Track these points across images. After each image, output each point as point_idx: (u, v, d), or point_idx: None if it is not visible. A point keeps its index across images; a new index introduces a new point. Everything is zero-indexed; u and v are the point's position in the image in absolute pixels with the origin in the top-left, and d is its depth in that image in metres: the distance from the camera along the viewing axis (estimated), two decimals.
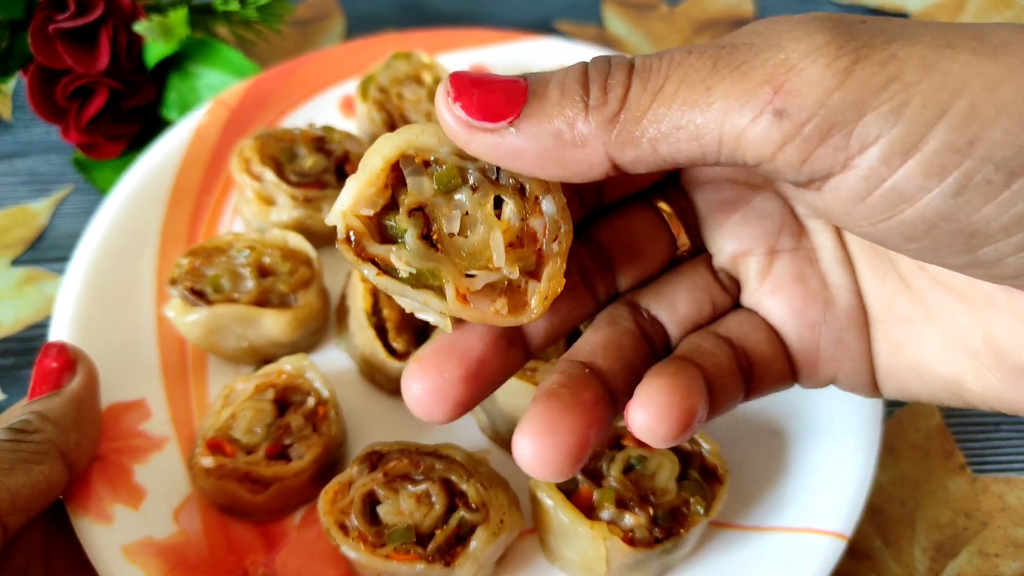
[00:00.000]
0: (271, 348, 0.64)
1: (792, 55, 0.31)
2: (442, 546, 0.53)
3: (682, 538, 0.54)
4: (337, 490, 0.55)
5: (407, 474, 0.55)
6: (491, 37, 0.83)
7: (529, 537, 0.60)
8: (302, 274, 0.65)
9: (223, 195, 0.76)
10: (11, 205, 0.85)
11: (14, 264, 0.80)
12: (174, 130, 0.76)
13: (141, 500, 0.58)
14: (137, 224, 0.71)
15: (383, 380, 0.65)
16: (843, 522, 0.58)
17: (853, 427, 0.61)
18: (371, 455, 0.56)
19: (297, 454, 0.58)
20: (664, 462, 0.56)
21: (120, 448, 0.60)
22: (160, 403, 0.64)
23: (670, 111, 0.32)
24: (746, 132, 0.31)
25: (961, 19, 1.14)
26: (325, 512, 0.54)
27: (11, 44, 0.82)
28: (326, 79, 0.82)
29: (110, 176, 0.84)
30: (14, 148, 0.91)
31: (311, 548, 0.59)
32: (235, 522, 0.59)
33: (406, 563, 0.52)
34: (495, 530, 0.53)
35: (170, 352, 0.67)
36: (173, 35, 0.82)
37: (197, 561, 0.57)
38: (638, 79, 0.33)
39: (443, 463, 0.56)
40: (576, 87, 0.33)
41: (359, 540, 0.53)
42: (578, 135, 0.33)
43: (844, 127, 0.30)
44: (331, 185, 0.70)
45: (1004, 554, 0.66)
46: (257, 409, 0.58)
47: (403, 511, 0.54)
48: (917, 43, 0.30)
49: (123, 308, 0.67)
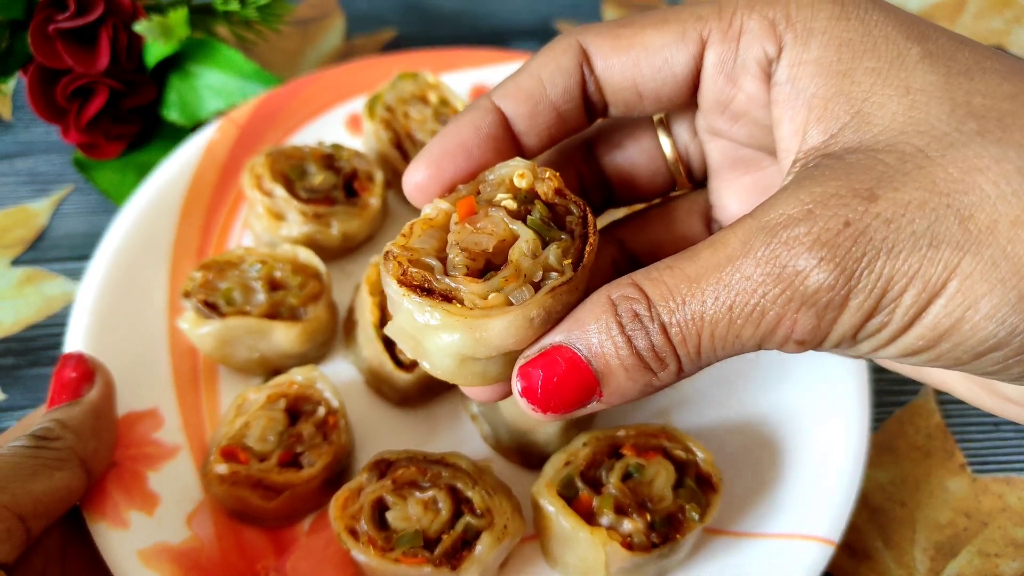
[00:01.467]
0: (281, 360, 0.66)
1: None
2: (448, 550, 0.55)
3: (678, 543, 0.56)
4: (347, 496, 0.57)
5: (415, 481, 0.57)
6: (493, 57, 0.85)
7: (530, 543, 0.62)
8: (312, 288, 0.67)
9: (233, 210, 0.78)
10: (11, 205, 0.86)
11: (14, 264, 0.81)
12: (185, 146, 0.78)
13: (155, 506, 0.60)
14: (149, 238, 0.73)
15: (389, 391, 0.67)
16: (831, 528, 0.60)
17: (841, 437, 0.64)
18: (380, 463, 0.58)
19: (308, 462, 0.60)
20: (660, 470, 0.58)
21: (135, 455, 0.62)
22: (173, 412, 0.66)
23: (715, 348, 0.37)
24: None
25: (961, 19, 1.15)
26: (336, 517, 0.56)
27: (11, 44, 0.82)
28: (333, 97, 0.84)
29: (110, 176, 0.85)
30: (14, 148, 0.91)
31: (320, 553, 0.61)
32: (246, 528, 0.61)
33: (414, 567, 0.54)
34: (499, 535, 0.56)
35: (182, 363, 0.69)
36: (173, 35, 0.82)
37: (210, 565, 0.59)
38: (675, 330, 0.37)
39: (449, 471, 0.58)
40: (635, 363, 0.37)
41: (369, 544, 0.55)
42: (658, 385, 0.39)
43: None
44: (340, 201, 0.72)
45: (1004, 554, 0.66)
46: (270, 418, 0.60)
47: (411, 517, 0.56)
48: (898, 255, 0.33)
49: (136, 320, 0.69)
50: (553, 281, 0.39)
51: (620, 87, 0.44)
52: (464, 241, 0.40)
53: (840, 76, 0.38)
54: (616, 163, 0.51)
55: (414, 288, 0.39)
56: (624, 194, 0.53)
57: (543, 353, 0.38)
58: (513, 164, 0.43)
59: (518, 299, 0.38)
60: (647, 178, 0.52)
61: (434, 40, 1.06)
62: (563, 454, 0.60)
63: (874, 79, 0.37)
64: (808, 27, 0.39)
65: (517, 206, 0.41)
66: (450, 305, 0.38)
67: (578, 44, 0.44)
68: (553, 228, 0.41)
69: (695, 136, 0.50)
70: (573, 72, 0.44)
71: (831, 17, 0.39)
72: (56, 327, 0.78)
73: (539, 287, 0.39)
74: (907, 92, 0.36)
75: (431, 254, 0.40)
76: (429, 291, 0.39)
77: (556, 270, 0.39)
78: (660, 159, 0.51)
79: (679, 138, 0.51)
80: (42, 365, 0.76)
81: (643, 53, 0.43)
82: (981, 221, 0.33)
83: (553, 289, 0.39)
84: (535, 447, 0.64)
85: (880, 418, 0.74)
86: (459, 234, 0.41)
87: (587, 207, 0.43)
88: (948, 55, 0.37)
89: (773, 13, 0.40)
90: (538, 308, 0.38)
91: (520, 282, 0.39)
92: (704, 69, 0.43)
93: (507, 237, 0.40)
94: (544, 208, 0.42)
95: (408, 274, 0.40)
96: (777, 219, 0.35)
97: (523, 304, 0.38)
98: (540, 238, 0.40)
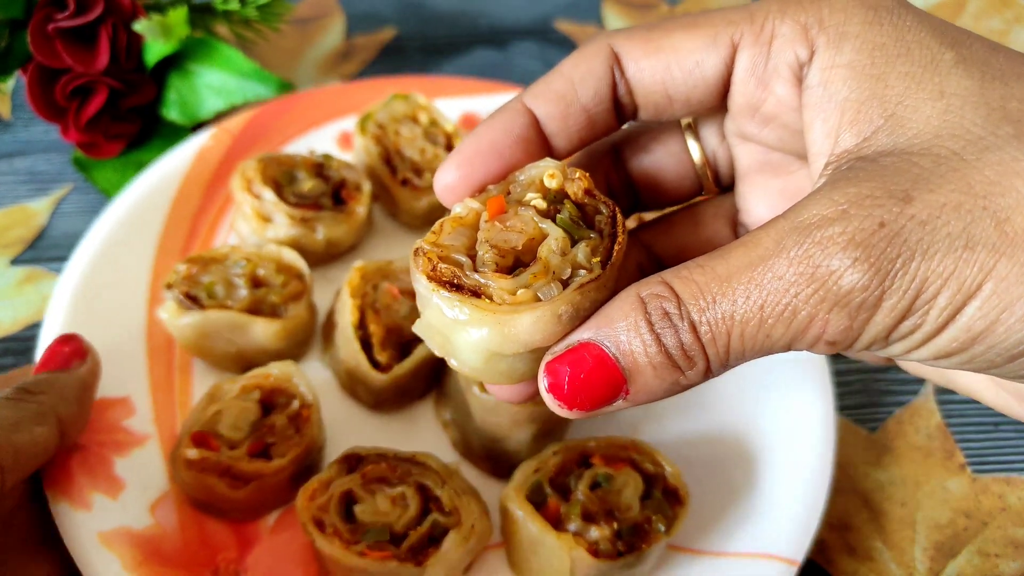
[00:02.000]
0: (258, 355, 0.67)
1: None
2: (415, 546, 0.55)
3: (644, 553, 0.56)
4: (316, 487, 0.57)
5: (384, 477, 0.58)
6: (486, 88, 0.88)
7: (496, 551, 0.62)
8: (294, 287, 0.68)
9: (220, 213, 0.79)
10: (10, 204, 0.86)
11: (13, 263, 0.81)
12: (178, 150, 0.79)
13: (120, 491, 0.60)
14: (135, 232, 0.74)
15: (364, 393, 0.67)
16: (794, 548, 0.61)
17: (807, 458, 0.65)
18: (350, 458, 0.59)
19: (278, 453, 0.60)
20: (629, 481, 0.59)
21: (103, 441, 0.62)
22: (145, 402, 0.66)
23: (744, 348, 0.37)
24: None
25: (961, 18, 1.16)
26: (303, 507, 0.56)
27: (10, 43, 0.81)
28: (325, 114, 0.86)
29: (109, 175, 0.85)
30: (13, 147, 0.91)
31: (283, 550, 0.61)
32: (210, 520, 0.61)
33: (378, 561, 0.54)
34: (466, 535, 0.56)
35: (158, 355, 0.69)
36: (173, 34, 0.82)
37: (171, 553, 0.58)
38: (705, 329, 0.37)
39: (419, 469, 0.59)
40: (663, 361, 0.37)
41: (334, 536, 0.55)
42: (685, 384, 0.39)
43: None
44: (327, 208, 0.73)
45: (1004, 554, 0.66)
46: (243, 407, 0.61)
47: (379, 511, 0.56)
48: (933, 256, 0.34)
49: (116, 309, 0.69)
50: (581, 278, 0.39)
51: (651, 90, 0.45)
52: (494, 238, 0.41)
53: (874, 80, 0.38)
54: (643, 167, 0.52)
55: (443, 284, 0.39)
56: (650, 198, 0.53)
57: (571, 350, 0.38)
58: (543, 164, 0.43)
59: (546, 295, 0.39)
60: (673, 182, 0.52)
61: (433, 39, 1.08)
62: (533, 461, 0.60)
63: (908, 83, 0.37)
64: (841, 31, 0.39)
65: (547, 206, 0.42)
66: (479, 300, 0.39)
67: (609, 47, 0.44)
68: (582, 227, 0.42)
69: (723, 140, 0.51)
70: (604, 75, 0.44)
71: (864, 22, 0.39)
72: None
73: (567, 284, 0.39)
74: (941, 96, 0.37)
75: (461, 251, 0.41)
76: (458, 287, 0.39)
77: (584, 268, 0.40)
78: (687, 163, 0.51)
79: (707, 142, 0.51)
80: None
81: (674, 56, 0.44)
82: (1018, 223, 0.33)
83: (581, 286, 0.39)
84: (505, 455, 0.65)
85: (880, 418, 0.74)
86: (488, 232, 0.41)
87: (616, 207, 0.43)
88: (982, 60, 0.38)
89: (805, 17, 0.40)
90: (566, 304, 0.39)
91: (549, 279, 0.39)
92: (735, 72, 0.44)
93: (536, 235, 0.41)
94: (573, 208, 0.42)
95: (438, 270, 0.40)
96: (811, 219, 0.35)
97: (551, 300, 0.39)
98: (569, 236, 0.41)
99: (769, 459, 0.66)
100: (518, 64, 1.05)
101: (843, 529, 0.68)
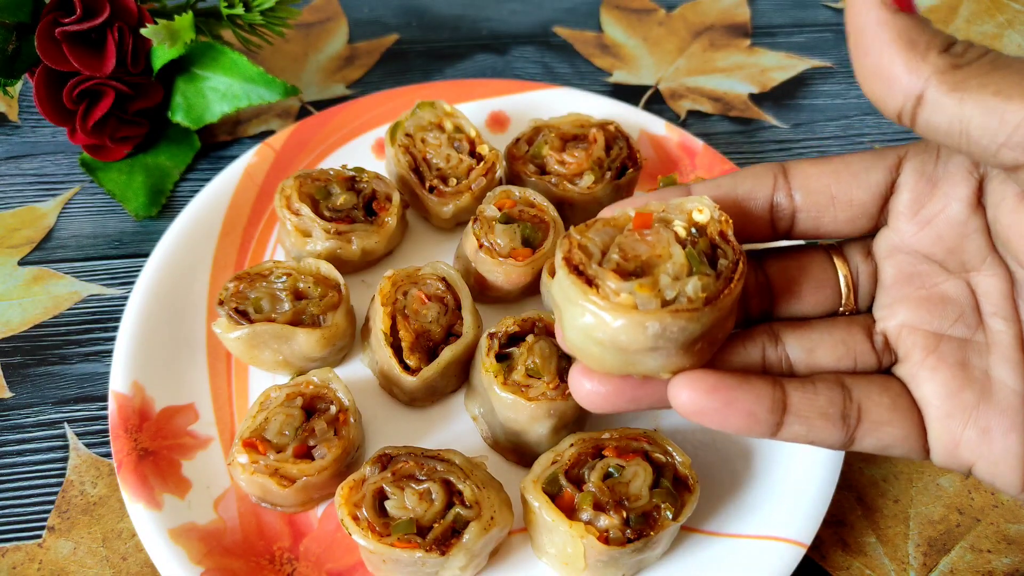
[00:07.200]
0: (303, 362, 0.74)
1: None
2: (439, 537, 0.61)
3: (652, 539, 0.60)
4: (352, 486, 0.63)
5: (412, 474, 0.63)
6: (508, 88, 0.91)
7: (522, 535, 0.67)
8: (331, 298, 0.74)
9: (268, 227, 0.85)
10: (19, 205, 0.88)
11: (21, 264, 0.83)
12: (227, 170, 0.86)
13: (187, 491, 0.68)
14: (192, 251, 0.81)
15: (398, 392, 0.73)
16: (803, 531, 0.64)
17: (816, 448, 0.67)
18: (382, 457, 0.65)
19: (320, 454, 0.66)
20: (639, 471, 0.63)
21: (171, 446, 0.70)
22: (207, 407, 0.73)
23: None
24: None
25: (954, 23, 1.15)
26: (341, 504, 0.62)
27: (18, 47, 0.82)
28: (361, 125, 0.91)
29: (116, 177, 0.87)
30: (21, 149, 0.93)
31: (331, 537, 0.68)
32: (266, 512, 0.68)
33: (407, 551, 0.60)
34: (486, 525, 0.61)
35: (217, 364, 0.76)
36: (179, 39, 0.83)
37: (232, 545, 0.66)
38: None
39: (444, 465, 0.64)
40: None
41: (368, 530, 0.61)
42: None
43: None
44: (359, 220, 0.79)
45: (997, 550, 0.68)
46: (287, 414, 0.67)
47: (407, 506, 0.62)
48: None
49: (179, 325, 0.77)
50: (679, 304, 0.44)
51: (814, 188, 0.49)
52: (625, 243, 0.47)
53: None
54: (786, 273, 0.53)
55: (571, 266, 0.46)
56: (785, 305, 0.53)
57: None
58: (699, 199, 0.49)
59: (643, 307, 0.44)
60: (812, 294, 0.53)
61: (435, 45, 1.09)
62: (551, 453, 0.65)
63: None
64: None
65: (685, 235, 0.47)
66: (590, 289, 0.45)
67: (778, 164, 0.49)
68: (705, 264, 0.46)
69: (867, 257, 0.52)
70: (764, 174, 0.49)
71: None
72: (63, 326, 0.81)
73: (668, 305, 0.44)
74: None
75: (598, 246, 0.47)
76: (581, 272, 0.46)
77: (689, 298, 0.45)
78: (829, 278, 0.53)
79: (851, 259, 0.53)
80: (49, 364, 0.78)
81: (841, 164, 0.48)
82: None
83: (676, 311, 0.44)
84: (527, 446, 0.70)
85: None
86: (625, 238, 0.47)
87: (742, 257, 0.47)
88: None
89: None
90: (654, 321, 0.44)
91: (653, 294, 0.44)
92: (902, 174, 0.47)
93: (663, 255, 0.46)
94: (707, 244, 0.47)
95: (571, 253, 0.47)
96: None
97: (644, 312, 0.44)
98: (690, 267, 0.46)
99: (781, 445, 0.69)
100: (518, 69, 1.06)
101: (837, 525, 0.70)
